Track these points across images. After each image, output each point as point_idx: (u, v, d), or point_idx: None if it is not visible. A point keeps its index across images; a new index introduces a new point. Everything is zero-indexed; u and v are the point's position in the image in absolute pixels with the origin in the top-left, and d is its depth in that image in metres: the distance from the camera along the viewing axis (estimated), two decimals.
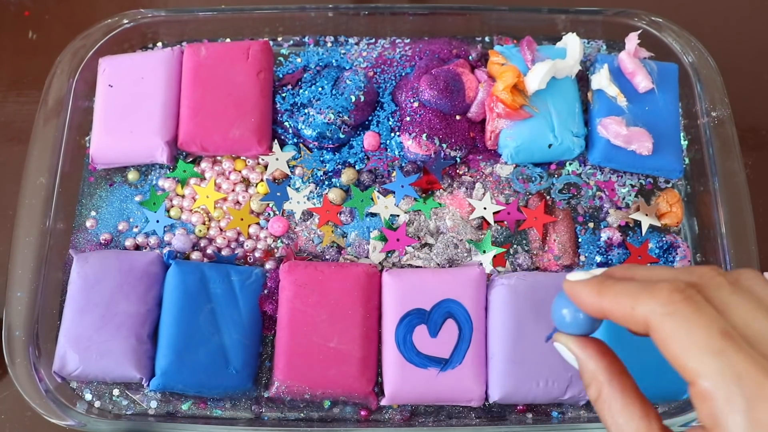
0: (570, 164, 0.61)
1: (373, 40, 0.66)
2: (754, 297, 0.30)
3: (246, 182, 0.60)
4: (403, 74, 0.63)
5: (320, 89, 0.60)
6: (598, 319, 0.36)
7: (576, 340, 0.37)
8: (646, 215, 0.59)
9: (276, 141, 0.60)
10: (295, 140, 0.61)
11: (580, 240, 0.58)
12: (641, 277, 0.33)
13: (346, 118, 0.59)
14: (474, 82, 0.60)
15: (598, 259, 0.57)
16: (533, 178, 0.60)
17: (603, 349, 0.36)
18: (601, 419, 0.34)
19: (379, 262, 0.57)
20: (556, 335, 0.38)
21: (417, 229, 0.58)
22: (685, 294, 0.29)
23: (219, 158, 0.61)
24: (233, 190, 0.60)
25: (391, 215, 0.58)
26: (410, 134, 0.58)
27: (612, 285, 0.33)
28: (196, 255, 0.57)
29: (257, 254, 0.57)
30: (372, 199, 0.59)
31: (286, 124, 0.60)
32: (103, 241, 0.58)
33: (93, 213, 0.59)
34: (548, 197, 0.60)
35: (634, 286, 0.32)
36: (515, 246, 0.58)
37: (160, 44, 0.66)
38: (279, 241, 0.58)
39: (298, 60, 0.64)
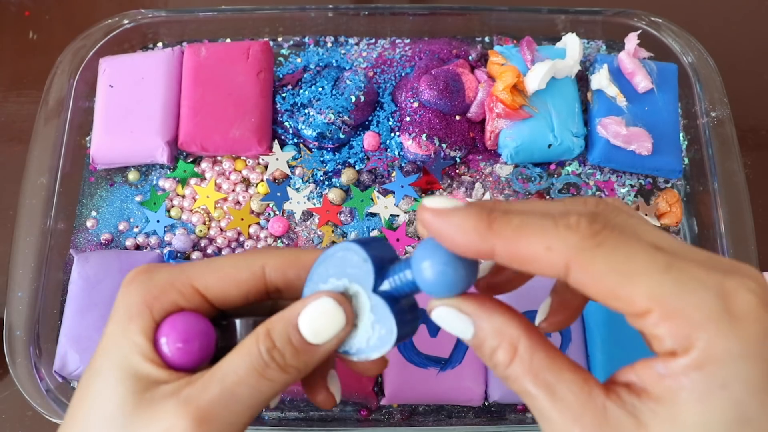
0: (570, 164, 0.61)
1: (373, 41, 0.66)
2: (641, 218, 0.26)
3: (246, 182, 0.60)
4: (403, 74, 0.63)
5: (320, 89, 0.60)
6: (476, 268, 0.28)
7: (468, 297, 0.28)
8: (646, 215, 0.59)
9: (276, 141, 0.60)
10: (295, 140, 0.61)
11: None
12: (535, 211, 0.26)
13: (346, 118, 0.59)
14: (474, 82, 0.60)
15: None
16: (533, 178, 0.60)
17: (503, 304, 0.28)
18: (517, 389, 0.27)
19: None
20: (433, 302, 0.28)
21: (417, 229, 0.58)
22: (603, 222, 0.25)
23: (219, 158, 0.61)
24: (233, 190, 0.60)
25: (390, 215, 0.58)
26: (410, 134, 0.58)
27: (507, 219, 0.26)
28: (196, 255, 0.57)
29: None
30: (372, 199, 0.59)
31: (286, 124, 0.60)
32: (103, 241, 0.58)
33: (93, 213, 0.59)
34: (548, 197, 0.60)
35: (539, 220, 0.25)
36: None
37: (160, 44, 0.66)
38: (279, 241, 0.58)
39: (298, 60, 0.64)
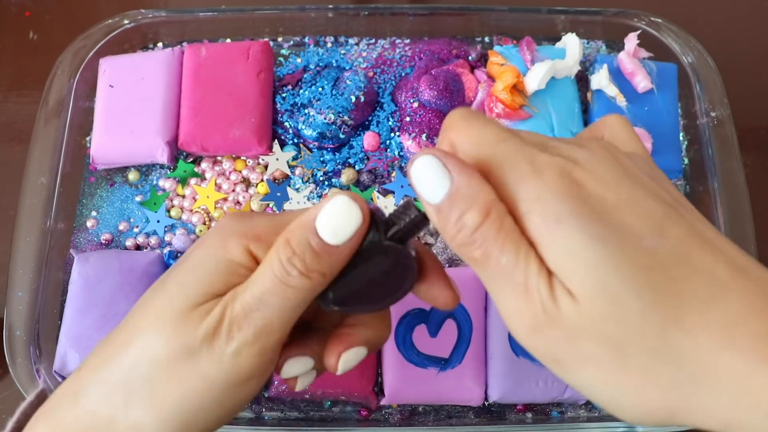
0: None
1: (373, 41, 0.66)
2: None
3: (246, 182, 0.60)
4: (403, 74, 0.63)
5: (320, 89, 0.60)
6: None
7: (451, 154, 0.29)
8: None
9: (276, 141, 0.60)
10: (296, 140, 0.61)
11: None
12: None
13: (346, 118, 0.59)
14: (474, 82, 0.60)
15: None
16: None
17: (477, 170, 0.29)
18: (479, 255, 0.28)
19: None
20: (422, 155, 0.29)
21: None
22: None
23: (219, 158, 0.61)
24: (233, 191, 0.60)
25: None
26: (410, 134, 0.58)
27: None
28: None
29: None
30: (372, 199, 0.59)
31: (286, 124, 0.60)
32: (103, 241, 0.58)
33: (94, 213, 0.59)
34: None
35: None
36: None
37: (160, 44, 0.66)
38: None
39: (298, 60, 0.64)
